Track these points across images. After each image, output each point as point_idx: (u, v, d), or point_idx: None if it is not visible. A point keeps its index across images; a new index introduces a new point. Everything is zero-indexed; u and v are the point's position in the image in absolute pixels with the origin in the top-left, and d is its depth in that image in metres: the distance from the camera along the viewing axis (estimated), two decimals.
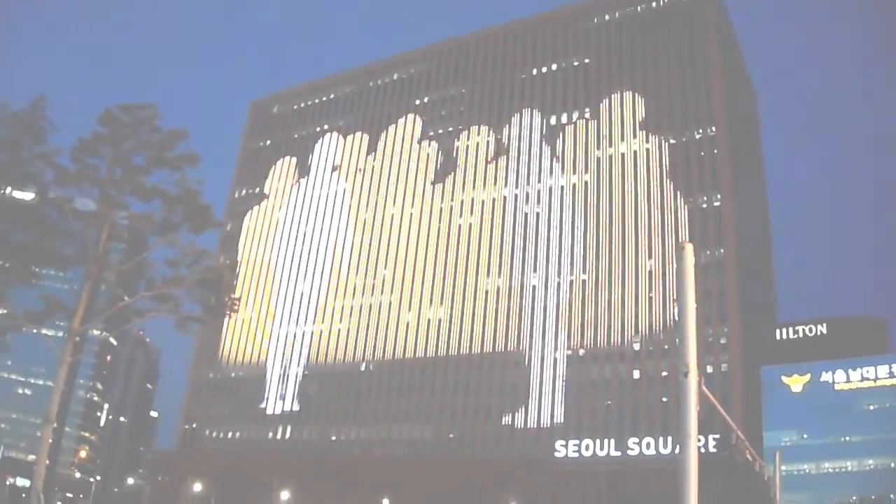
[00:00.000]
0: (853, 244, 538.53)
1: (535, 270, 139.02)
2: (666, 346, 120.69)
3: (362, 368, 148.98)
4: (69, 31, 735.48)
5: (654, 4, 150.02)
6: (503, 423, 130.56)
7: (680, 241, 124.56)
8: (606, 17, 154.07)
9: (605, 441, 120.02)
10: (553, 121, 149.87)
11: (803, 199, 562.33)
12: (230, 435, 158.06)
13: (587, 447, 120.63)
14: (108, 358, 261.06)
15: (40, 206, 40.31)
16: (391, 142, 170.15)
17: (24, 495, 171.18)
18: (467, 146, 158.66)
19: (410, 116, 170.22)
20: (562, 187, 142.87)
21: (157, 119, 40.26)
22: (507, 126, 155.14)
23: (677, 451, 16.65)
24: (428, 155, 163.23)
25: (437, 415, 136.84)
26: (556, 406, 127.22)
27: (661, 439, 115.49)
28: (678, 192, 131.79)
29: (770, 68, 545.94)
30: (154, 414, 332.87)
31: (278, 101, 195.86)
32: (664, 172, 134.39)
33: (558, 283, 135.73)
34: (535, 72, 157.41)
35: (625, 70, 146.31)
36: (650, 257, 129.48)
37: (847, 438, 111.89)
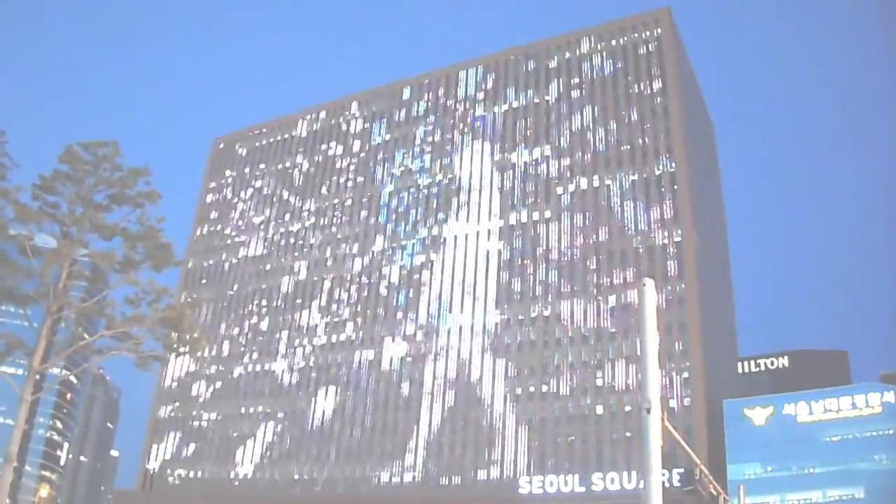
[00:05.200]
0: (813, 277, 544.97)
1: (497, 308, 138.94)
2: (629, 382, 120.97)
3: (325, 407, 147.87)
4: (31, 66, 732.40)
5: (613, 42, 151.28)
6: (467, 460, 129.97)
7: (641, 276, 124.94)
8: (567, 55, 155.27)
9: (570, 477, 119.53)
10: (514, 157, 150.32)
11: (762, 232, 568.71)
12: (192, 474, 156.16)
13: (551, 483, 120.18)
14: (69, 396, 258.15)
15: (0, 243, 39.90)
16: (347, 180, 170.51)
17: None
18: (422, 184, 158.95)
19: (368, 155, 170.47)
20: (523, 224, 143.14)
21: (119, 157, 40.18)
22: (463, 164, 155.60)
23: (642, 485, 16.67)
24: (381, 194, 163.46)
25: (399, 454, 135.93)
26: (520, 443, 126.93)
27: (625, 474, 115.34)
28: (639, 228, 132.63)
29: (726, 99, 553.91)
30: (115, 453, 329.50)
31: (240, 139, 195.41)
32: (625, 208, 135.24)
33: (521, 320, 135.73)
34: (494, 108, 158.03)
35: (585, 107, 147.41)
36: (612, 293, 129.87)
37: (811, 470, 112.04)
